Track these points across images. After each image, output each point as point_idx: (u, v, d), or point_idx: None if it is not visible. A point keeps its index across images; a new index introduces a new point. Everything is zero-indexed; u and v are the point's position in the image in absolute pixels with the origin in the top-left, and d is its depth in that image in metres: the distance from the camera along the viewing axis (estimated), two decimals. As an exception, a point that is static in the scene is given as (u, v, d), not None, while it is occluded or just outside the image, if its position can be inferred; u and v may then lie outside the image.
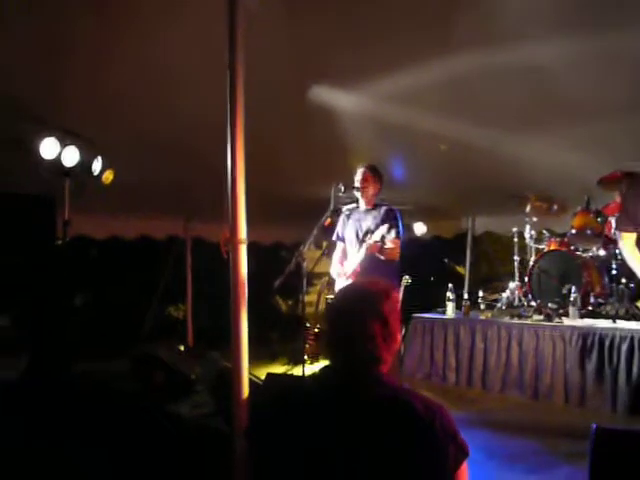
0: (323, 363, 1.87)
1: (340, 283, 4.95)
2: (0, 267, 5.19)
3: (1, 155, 4.87)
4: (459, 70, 4.46)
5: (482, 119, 5.23)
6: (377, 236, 4.52)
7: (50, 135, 4.69)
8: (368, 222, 4.86)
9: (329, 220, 4.84)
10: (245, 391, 2.89)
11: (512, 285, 6.60)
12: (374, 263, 4.61)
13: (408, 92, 4.80)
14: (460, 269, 10.05)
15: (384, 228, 4.52)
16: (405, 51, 4.40)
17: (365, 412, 1.62)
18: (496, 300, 6.69)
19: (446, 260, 11.04)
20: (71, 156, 4.88)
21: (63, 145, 4.80)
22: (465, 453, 1.60)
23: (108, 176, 5.27)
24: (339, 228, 5.08)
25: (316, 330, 7.53)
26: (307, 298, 7.81)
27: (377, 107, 5.12)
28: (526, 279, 6.22)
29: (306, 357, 6.80)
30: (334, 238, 5.13)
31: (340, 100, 5.09)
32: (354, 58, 4.48)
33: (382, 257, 4.60)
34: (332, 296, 5.49)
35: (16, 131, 4.57)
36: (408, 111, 5.07)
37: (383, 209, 4.89)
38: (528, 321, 5.72)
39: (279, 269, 4.67)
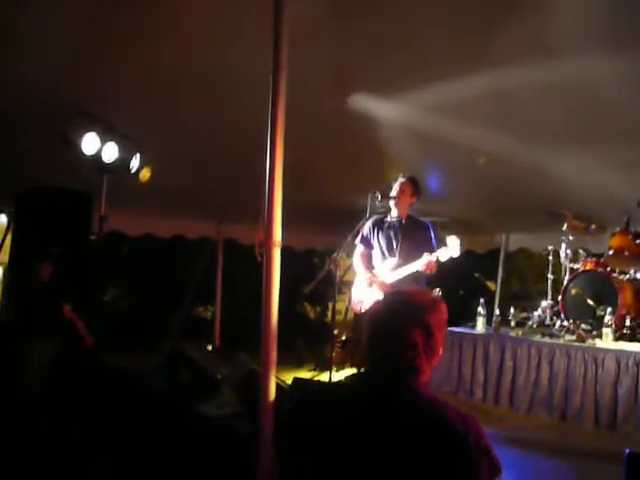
0: (349, 371, 1.86)
1: (364, 290, 4.92)
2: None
3: (43, 149, 4.95)
4: (502, 83, 4.42)
5: (523, 134, 5.18)
6: (443, 256, 4.54)
7: (91, 130, 4.75)
8: (405, 234, 4.84)
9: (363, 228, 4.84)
10: (272, 394, 2.89)
11: (544, 303, 6.49)
12: (412, 275, 4.62)
13: (449, 103, 4.77)
14: (491, 285, 9.95)
15: (445, 250, 4.55)
16: (449, 61, 4.37)
17: (400, 421, 1.60)
18: (527, 318, 6.59)
19: (477, 275, 10.95)
20: (110, 152, 4.93)
21: (103, 141, 4.85)
22: (498, 470, 1.58)
23: (145, 174, 5.32)
24: (366, 232, 5.06)
25: (344, 338, 7.51)
26: (336, 306, 7.81)
27: (417, 117, 5.09)
28: (559, 298, 6.12)
29: (333, 365, 6.77)
30: (358, 240, 5.10)
31: (380, 109, 5.08)
32: (397, 66, 4.47)
33: (424, 270, 4.60)
34: (350, 304, 5.45)
35: (59, 125, 4.63)
36: (448, 122, 5.04)
37: (421, 225, 4.89)
38: (560, 341, 5.62)
39: (310, 275, 4.67)
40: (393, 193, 4.89)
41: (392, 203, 4.92)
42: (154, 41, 4.16)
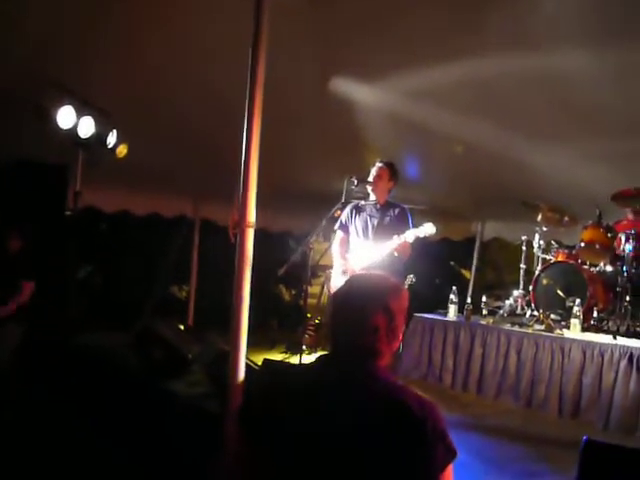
0: (320, 354, 1.87)
1: (340, 275, 4.94)
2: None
3: (18, 121, 4.88)
4: (482, 72, 4.45)
5: (501, 124, 5.21)
6: (410, 236, 4.53)
7: (68, 104, 4.69)
8: (381, 220, 4.86)
9: (339, 212, 4.85)
10: (241, 375, 2.90)
11: (516, 293, 6.57)
12: (386, 259, 4.63)
13: (429, 90, 4.79)
14: (466, 273, 10.04)
15: (413, 230, 4.54)
16: (430, 47, 4.38)
17: (357, 403, 1.61)
18: (499, 307, 6.66)
19: (452, 263, 11.03)
20: (87, 127, 4.87)
21: (80, 115, 4.80)
22: (453, 454, 1.60)
23: (122, 150, 5.27)
24: (344, 218, 5.07)
25: (317, 321, 7.54)
26: (310, 289, 7.82)
27: (397, 103, 5.11)
28: (530, 288, 6.20)
29: (304, 347, 6.80)
30: (336, 227, 5.12)
31: (360, 93, 5.08)
32: (378, 50, 4.47)
33: (396, 254, 4.61)
34: (328, 289, 5.47)
35: (34, 97, 4.57)
36: (427, 109, 5.07)
37: (397, 210, 4.90)
38: (529, 330, 5.70)
39: (286, 258, 4.68)
40: (370, 178, 4.90)
41: (369, 188, 4.93)
42: (131, 21, 4.12)
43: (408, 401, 1.59)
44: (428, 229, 4.56)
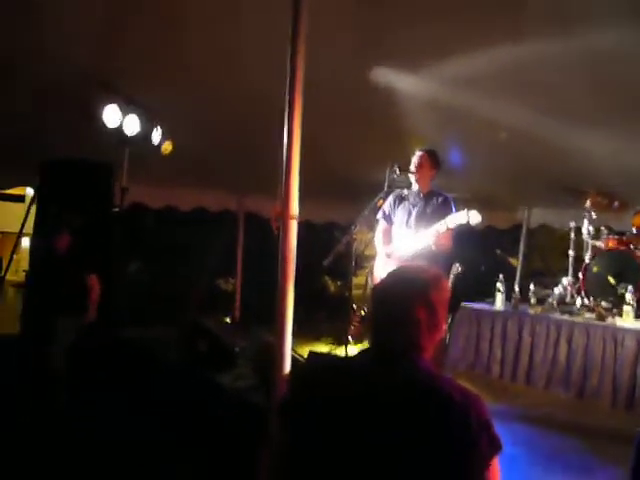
0: (363, 348, 1.87)
1: (383, 265, 4.90)
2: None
3: (66, 121, 4.99)
4: (524, 56, 4.34)
5: (545, 108, 5.09)
6: (451, 223, 4.39)
7: (113, 102, 4.77)
8: (423, 209, 4.80)
9: (381, 201, 4.81)
10: (286, 367, 2.91)
11: (565, 281, 6.42)
12: (428, 251, 4.55)
13: (470, 76, 4.71)
14: (513, 261, 9.88)
15: (453, 216, 4.43)
16: (468, 34, 4.30)
17: (399, 396, 1.60)
18: (547, 295, 6.54)
19: (499, 251, 10.86)
20: (132, 125, 4.96)
21: (125, 113, 4.88)
22: (498, 447, 1.57)
23: (167, 147, 5.35)
24: (387, 208, 5.02)
25: (362, 312, 7.52)
26: (356, 280, 7.80)
27: (438, 91, 5.04)
28: (580, 276, 6.06)
29: (350, 339, 6.80)
30: (379, 216, 5.07)
31: (400, 82, 5.03)
32: (416, 39, 4.41)
33: (435, 248, 4.52)
34: (372, 280, 5.43)
35: (81, 96, 4.66)
36: (469, 96, 4.98)
37: (440, 198, 4.83)
38: (579, 319, 5.58)
39: (331, 249, 4.67)
40: (413, 167, 4.85)
41: (412, 177, 4.88)
42: (174, 18, 4.16)
43: (451, 393, 1.58)
44: (473, 217, 4.39)
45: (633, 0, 3.74)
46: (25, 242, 8.66)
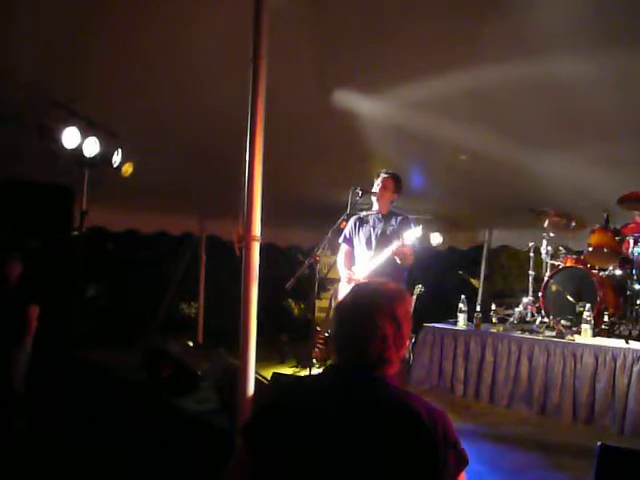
0: (328, 365, 1.86)
1: (347, 288, 4.91)
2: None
3: (23, 141, 4.91)
4: (484, 81, 4.43)
5: (505, 132, 5.20)
6: (408, 240, 4.48)
7: (72, 124, 4.72)
8: (383, 229, 4.84)
9: (344, 223, 4.83)
10: (250, 389, 2.89)
11: (525, 300, 6.53)
12: (389, 267, 4.59)
13: (431, 100, 4.78)
14: (474, 281, 10.00)
15: (410, 233, 4.49)
16: (431, 58, 4.37)
17: (367, 413, 1.60)
18: (509, 314, 6.63)
19: (461, 272, 10.99)
20: (92, 147, 4.90)
21: (85, 135, 4.82)
22: (465, 462, 1.58)
23: (127, 169, 5.29)
24: (348, 231, 5.05)
25: (326, 334, 7.51)
26: (319, 303, 7.80)
27: (399, 114, 5.10)
28: (540, 295, 6.17)
29: (314, 361, 6.77)
30: (340, 240, 5.10)
31: (362, 105, 5.08)
32: (379, 63, 4.47)
33: (399, 261, 4.56)
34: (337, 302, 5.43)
35: (39, 118, 4.60)
36: (430, 119, 5.05)
37: (399, 218, 4.88)
38: (539, 337, 5.67)
39: (294, 272, 4.66)
40: (375, 189, 4.89)
41: (374, 199, 4.92)
42: (135, 39, 4.14)
43: (418, 409, 1.58)
44: (419, 230, 4.50)
45: (590, 31, 3.85)
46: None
